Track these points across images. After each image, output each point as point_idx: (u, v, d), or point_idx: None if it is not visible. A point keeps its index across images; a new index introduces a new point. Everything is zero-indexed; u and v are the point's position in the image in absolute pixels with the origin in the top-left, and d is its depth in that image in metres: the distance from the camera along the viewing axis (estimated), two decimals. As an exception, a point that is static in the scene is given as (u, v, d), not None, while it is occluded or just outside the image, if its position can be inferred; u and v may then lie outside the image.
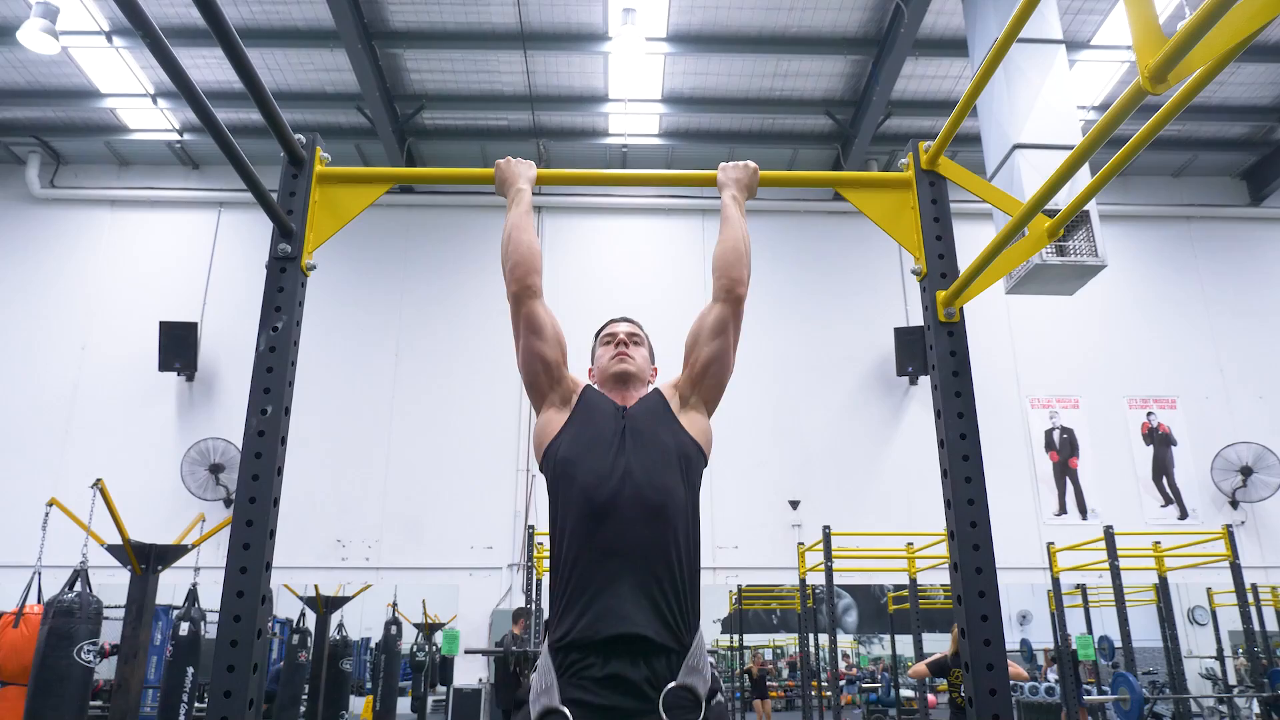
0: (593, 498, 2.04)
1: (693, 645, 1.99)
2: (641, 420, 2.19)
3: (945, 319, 2.09)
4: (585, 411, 2.21)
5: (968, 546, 1.90)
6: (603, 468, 2.07)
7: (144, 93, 9.82)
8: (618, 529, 2.00)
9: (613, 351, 2.36)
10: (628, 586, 1.95)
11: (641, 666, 1.91)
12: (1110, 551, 7.68)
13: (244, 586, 1.82)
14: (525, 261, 2.24)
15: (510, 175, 2.40)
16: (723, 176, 2.40)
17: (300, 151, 2.19)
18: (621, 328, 2.42)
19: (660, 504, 2.03)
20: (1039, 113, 6.78)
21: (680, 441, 2.17)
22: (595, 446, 2.12)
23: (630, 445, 2.12)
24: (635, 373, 2.33)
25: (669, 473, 2.10)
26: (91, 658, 6.10)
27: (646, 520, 2.01)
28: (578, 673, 1.92)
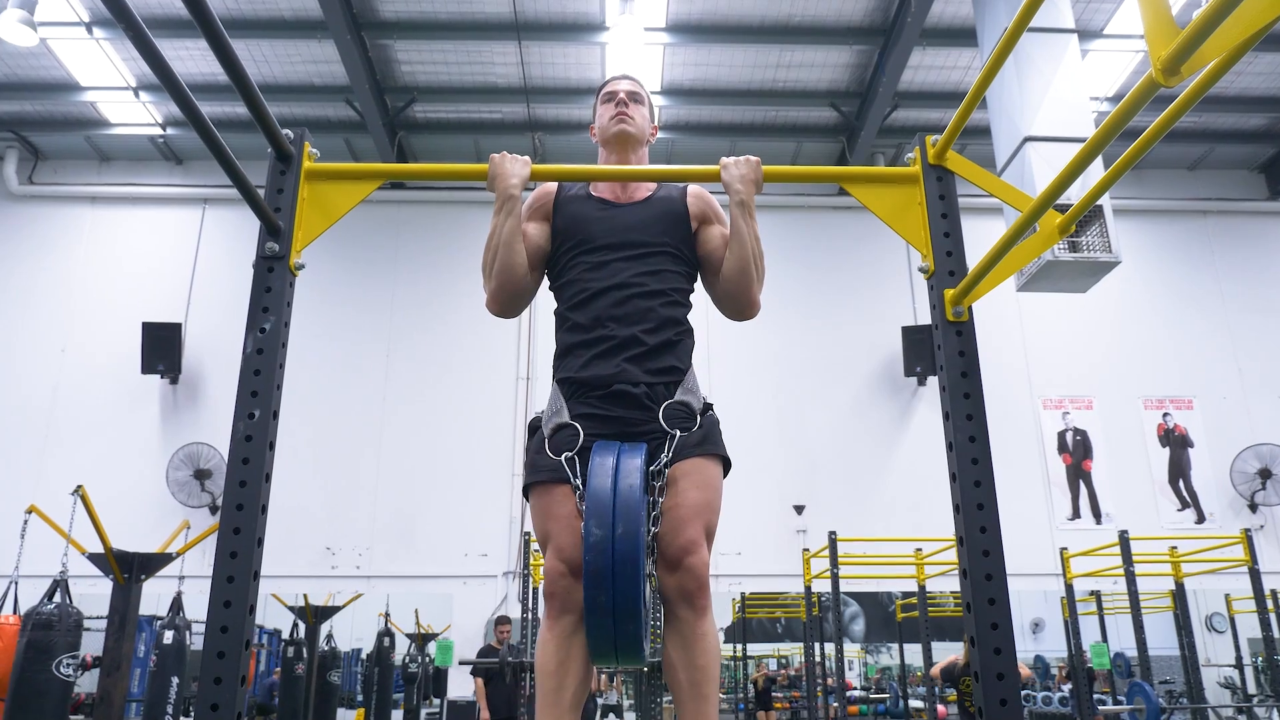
0: (588, 280, 2.28)
1: (687, 374, 2.28)
2: (649, 220, 2.35)
3: (954, 318, 2.09)
4: (570, 228, 2.37)
5: (977, 552, 1.90)
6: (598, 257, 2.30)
7: (125, 86, 9.82)
8: (612, 301, 2.24)
9: (612, 110, 2.43)
10: (623, 345, 2.21)
11: (641, 387, 2.20)
12: (1125, 557, 7.68)
13: (231, 596, 1.82)
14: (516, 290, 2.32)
15: (504, 172, 2.37)
16: (727, 175, 2.32)
17: (288, 147, 2.19)
18: (623, 85, 2.49)
19: (654, 289, 2.27)
20: (1050, 104, 6.78)
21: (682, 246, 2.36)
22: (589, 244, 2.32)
23: (627, 237, 2.31)
24: (635, 134, 2.43)
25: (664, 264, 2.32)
26: (71, 671, 6.09)
27: (640, 295, 2.25)
28: (584, 395, 2.22)
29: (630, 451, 2.11)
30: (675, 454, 2.16)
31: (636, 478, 2.03)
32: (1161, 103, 9.03)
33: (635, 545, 1.96)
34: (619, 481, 2.03)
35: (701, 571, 2.10)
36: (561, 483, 2.15)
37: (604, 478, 2.03)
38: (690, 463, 2.18)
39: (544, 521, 2.17)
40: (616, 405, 2.20)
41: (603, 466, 2.06)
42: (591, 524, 1.97)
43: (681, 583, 2.10)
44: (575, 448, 2.16)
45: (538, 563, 8.16)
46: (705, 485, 2.19)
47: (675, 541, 2.10)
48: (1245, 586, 8.20)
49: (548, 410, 2.29)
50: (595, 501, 1.99)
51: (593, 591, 1.95)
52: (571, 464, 2.14)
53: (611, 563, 1.94)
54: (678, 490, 2.14)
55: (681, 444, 2.18)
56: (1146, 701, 7.55)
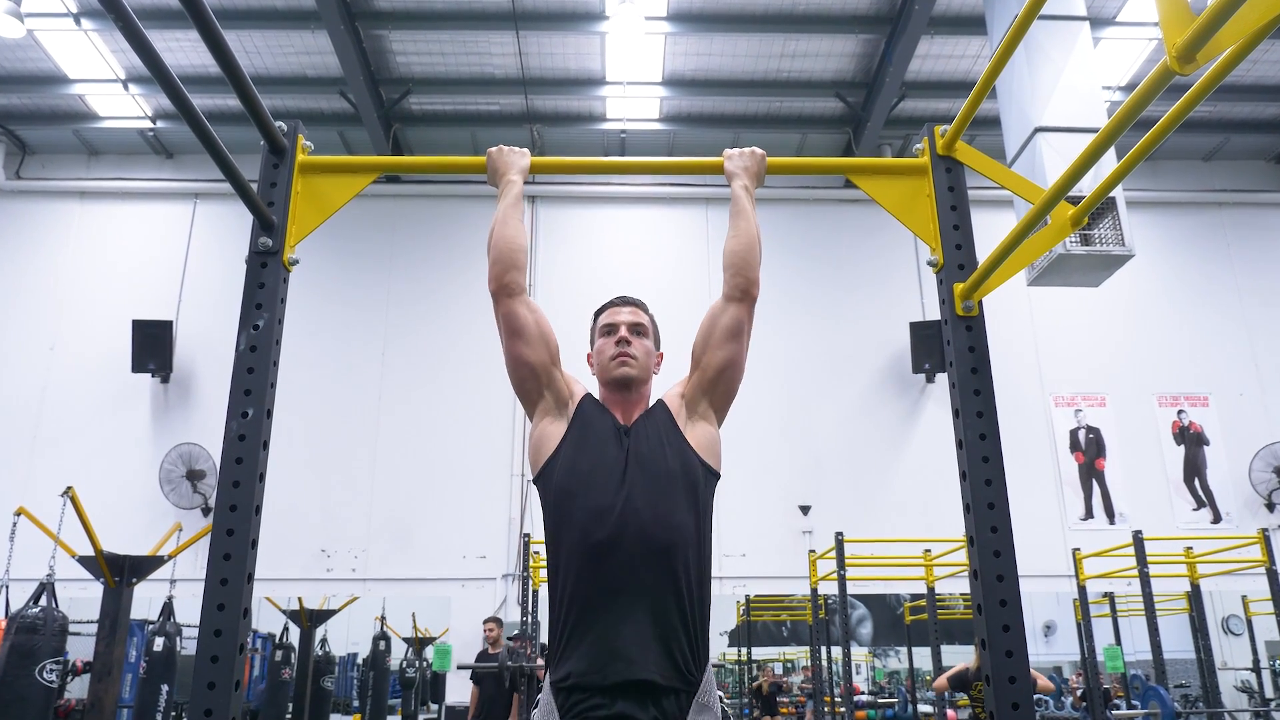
0: (593, 534, 2.01)
1: (702, 682, 2.00)
2: (645, 442, 2.14)
3: (963, 313, 2.09)
4: (583, 429, 2.16)
5: (988, 553, 1.90)
6: (604, 502, 2.03)
7: (114, 78, 9.82)
8: (621, 568, 1.98)
9: (613, 350, 2.27)
10: (633, 627, 1.95)
11: (650, 708, 1.91)
12: (1139, 557, 7.68)
13: (225, 599, 1.83)
14: (505, 257, 2.21)
15: (502, 165, 2.38)
16: (730, 165, 2.37)
17: (281, 140, 2.19)
18: (623, 315, 2.33)
19: (667, 542, 2.01)
20: (1062, 94, 6.77)
21: (688, 465, 2.13)
22: (595, 476, 2.08)
23: (633, 475, 2.07)
24: (637, 376, 2.26)
25: (676, 505, 2.06)
26: (53, 677, 6.10)
27: (652, 559, 1.99)
28: (583, 713, 1.93)
29: None
30: None
31: None
32: (1176, 92, 9.02)
33: None
34: None
35: None
36: None
37: None
38: None
39: None
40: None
41: None
42: None
43: None
44: None
45: (538, 564, 8.17)
46: None
47: None
48: (1263, 588, 8.20)
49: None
50: None
51: None
52: None
53: None
54: None
55: None
56: (1161, 706, 7.55)
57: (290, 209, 2.17)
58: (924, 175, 2.26)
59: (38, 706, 6.04)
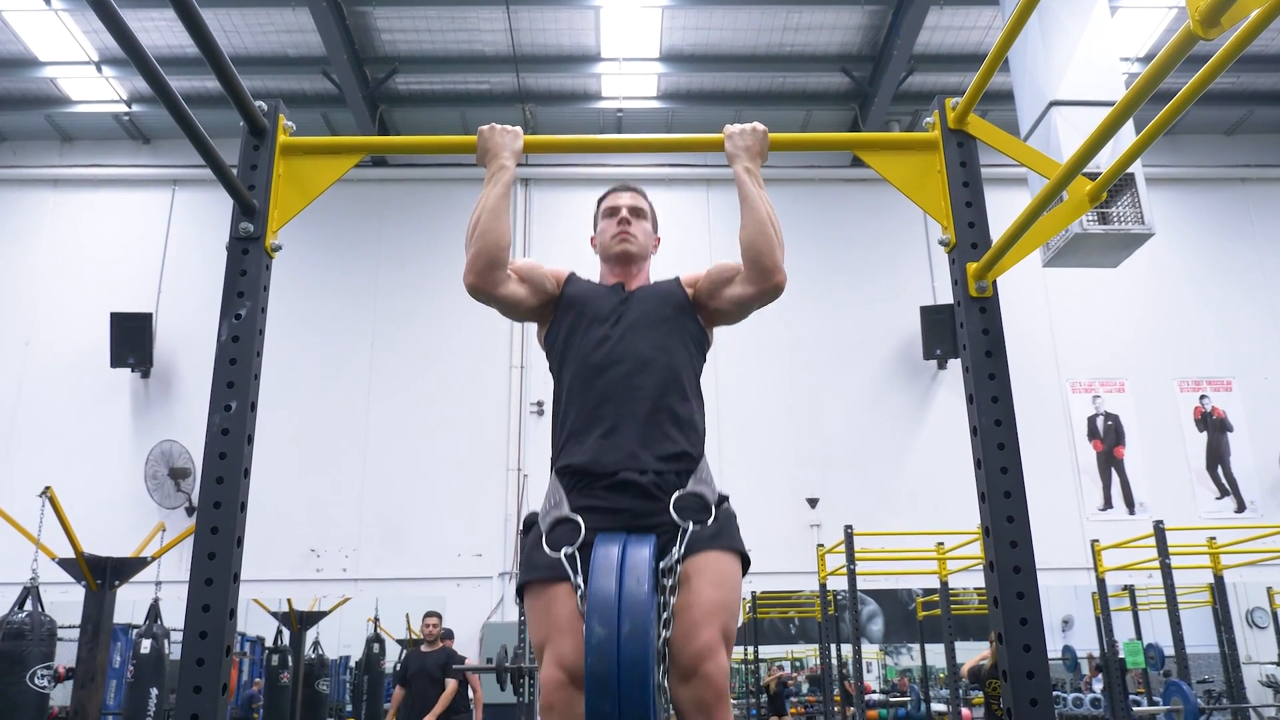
0: (592, 357, 2.29)
1: (700, 463, 2.26)
2: (645, 296, 2.41)
3: (977, 294, 2.09)
4: (576, 292, 2.44)
5: (1004, 544, 1.90)
6: (602, 334, 2.31)
7: (87, 60, 9.78)
8: (619, 378, 2.24)
9: (614, 229, 2.51)
10: (631, 423, 2.20)
11: (650, 475, 2.16)
12: (1161, 549, 7.69)
13: (210, 600, 1.83)
14: (493, 256, 2.32)
15: (493, 146, 2.38)
16: (730, 146, 2.38)
17: (261, 120, 2.18)
18: (624, 199, 2.55)
19: (661, 364, 2.28)
20: (1077, 66, 6.75)
21: (684, 318, 2.39)
22: (595, 317, 2.35)
23: (631, 315, 2.35)
24: (637, 252, 2.50)
25: (670, 340, 2.33)
26: (46, 683, 6.12)
27: (647, 371, 2.25)
28: (586, 486, 2.18)
29: (637, 543, 2.03)
30: (688, 549, 2.09)
31: (644, 571, 1.95)
32: (1196, 62, 8.99)
33: (643, 646, 1.87)
34: (625, 576, 1.94)
35: (720, 681, 2.00)
36: (560, 581, 2.07)
37: (608, 572, 1.95)
38: (705, 557, 2.11)
39: (541, 625, 2.09)
40: (622, 496, 2.14)
41: (606, 560, 1.98)
42: (594, 623, 1.89)
43: (698, 694, 1.99)
44: (576, 542, 2.08)
45: (535, 562, 8.18)
46: (722, 582, 2.12)
47: (689, 647, 2.01)
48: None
49: (544, 505, 2.23)
50: (598, 599, 1.91)
51: (596, 700, 1.86)
52: (572, 560, 2.06)
53: (617, 667, 1.85)
54: (691, 589, 2.06)
55: (695, 538, 2.11)
56: (1184, 702, 7.57)
57: (272, 193, 2.16)
58: (935, 150, 2.26)
59: (31, 713, 6.06)
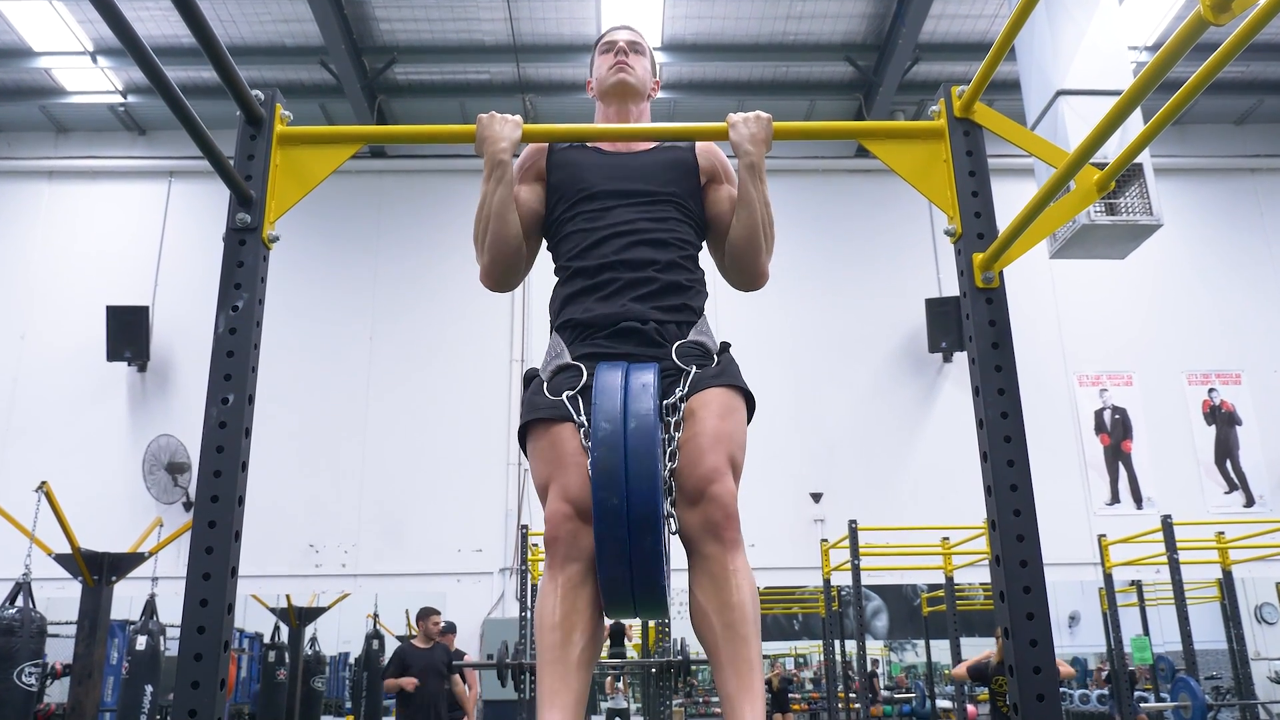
0: (589, 227, 2.26)
1: (700, 316, 2.27)
2: (654, 170, 2.34)
3: (983, 284, 2.08)
4: (566, 179, 2.35)
5: (1011, 537, 1.90)
6: (600, 204, 2.28)
7: (82, 50, 9.77)
8: (618, 247, 2.23)
9: (611, 60, 2.44)
10: (630, 283, 2.20)
11: (651, 324, 2.18)
12: (1168, 544, 7.69)
13: (208, 594, 1.82)
14: (509, 261, 2.30)
15: (492, 135, 2.35)
16: (735, 135, 2.31)
17: (258, 109, 2.18)
18: (621, 35, 2.50)
19: (664, 235, 2.26)
20: (1085, 55, 6.73)
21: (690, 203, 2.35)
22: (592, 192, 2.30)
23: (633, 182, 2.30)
24: (635, 84, 2.44)
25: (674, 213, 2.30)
26: (33, 680, 6.13)
27: (648, 242, 2.24)
28: (588, 336, 2.19)
29: (640, 368, 2.05)
30: (691, 387, 2.11)
31: (650, 381, 1.97)
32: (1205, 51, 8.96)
33: (650, 439, 1.88)
34: (630, 385, 1.96)
35: (728, 500, 2.04)
36: (563, 421, 2.09)
37: (613, 383, 1.96)
38: (709, 393, 2.13)
39: (544, 462, 2.10)
40: (624, 342, 2.16)
41: (610, 375, 2.00)
42: (600, 419, 1.91)
43: (707, 515, 2.03)
44: (578, 387, 2.10)
45: (536, 558, 8.18)
46: (727, 414, 2.13)
47: (696, 471, 2.03)
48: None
49: (545, 358, 2.25)
50: (604, 401, 1.92)
51: (603, 493, 1.87)
52: (574, 401, 2.08)
53: (624, 459, 1.87)
54: (696, 420, 2.08)
55: (698, 378, 2.14)
56: (1192, 698, 7.57)
57: (269, 183, 2.15)
58: (940, 139, 2.25)
59: (18, 710, 6.07)
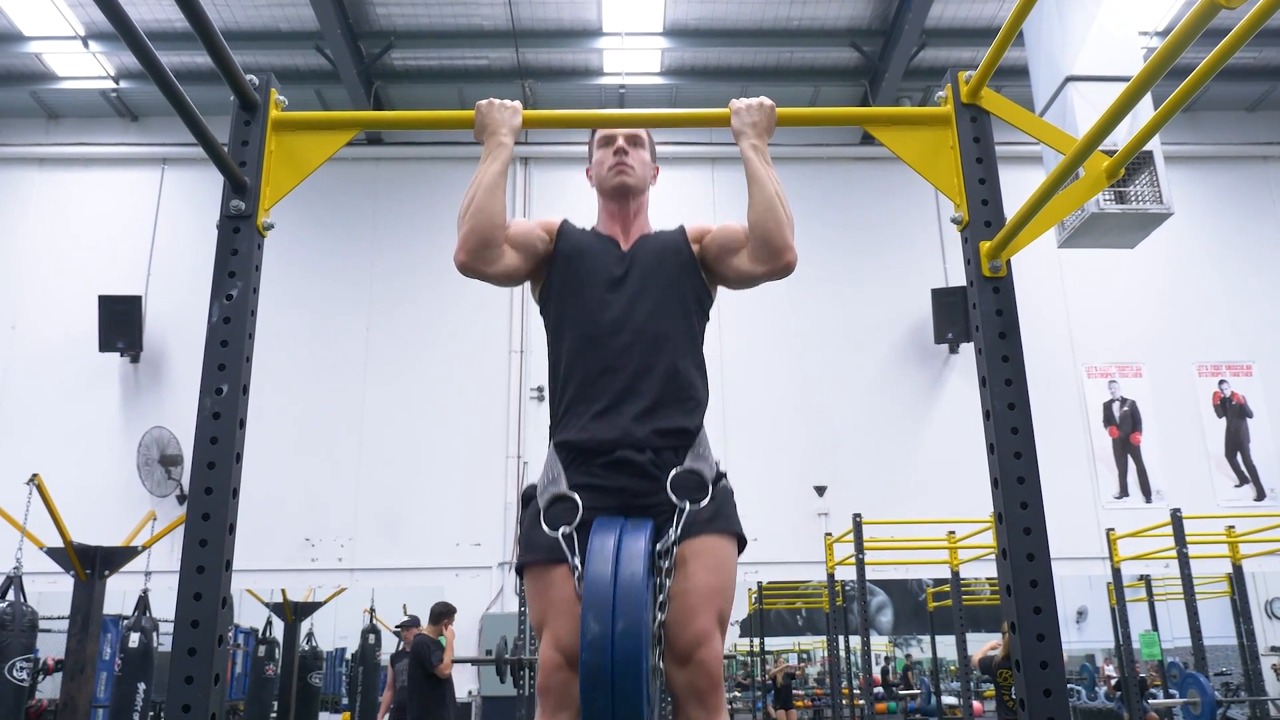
0: (591, 326, 2.27)
1: (698, 436, 2.26)
2: (650, 259, 2.36)
3: (990, 273, 2.08)
4: (571, 245, 2.40)
5: (1018, 530, 1.90)
6: (603, 296, 2.29)
7: (73, 35, 9.76)
8: (618, 350, 2.24)
9: (611, 160, 2.45)
10: (630, 398, 2.21)
11: (648, 453, 2.18)
12: (1178, 538, 7.70)
13: (202, 588, 1.83)
14: (487, 235, 2.28)
15: (492, 121, 2.37)
16: (737, 121, 2.35)
17: (253, 95, 2.17)
18: (620, 127, 2.51)
19: (662, 333, 2.27)
20: (1094, 40, 6.71)
21: (692, 281, 2.36)
22: (593, 281, 2.32)
23: (633, 275, 2.32)
24: (635, 185, 2.45)
25: (676, 302, 2.32)
26: (24, 676, 6.15)
27: (647, 345, 2.24)
28: (584, 462, 2.20)
29: (633, 532, 2.07)
30: (684, 530, 2.14)
31: (640, 564, 1.99)
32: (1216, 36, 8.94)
33: (637, 643, 1.92)
34: (620, 569, 1.98)
35: (714, 667, 2.08)
36: (559, 563, 2.12)
37: (604, 564, 1.98)
38: (701, 541, 2.15)
39: (539, 606, 2.15)
40: (619, 474, 2.17)
41: (603, 551, 2.01)
42: (589, 618, 1.94)
43: (692, 680, 2.07)
44: (574, 521, 2.13)
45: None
46: (718, 567, 2.16)
47: (685, 634, 2.08)
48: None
49: (543, 478, 2.26)
50: (594, 593, 1.95)
51: (590, 692, 1.91)
52: (570, 540, 2.11)
53: (611, 662, 1.90)
54: (687, 573, 2.11)
55: (691, 518, 2.15)
56: (1201, 694, 7.58)
57: (264, 169, 2.15)
58: (947, 125, 2.24)
59: (9, 705, 6.09)
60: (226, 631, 1.87)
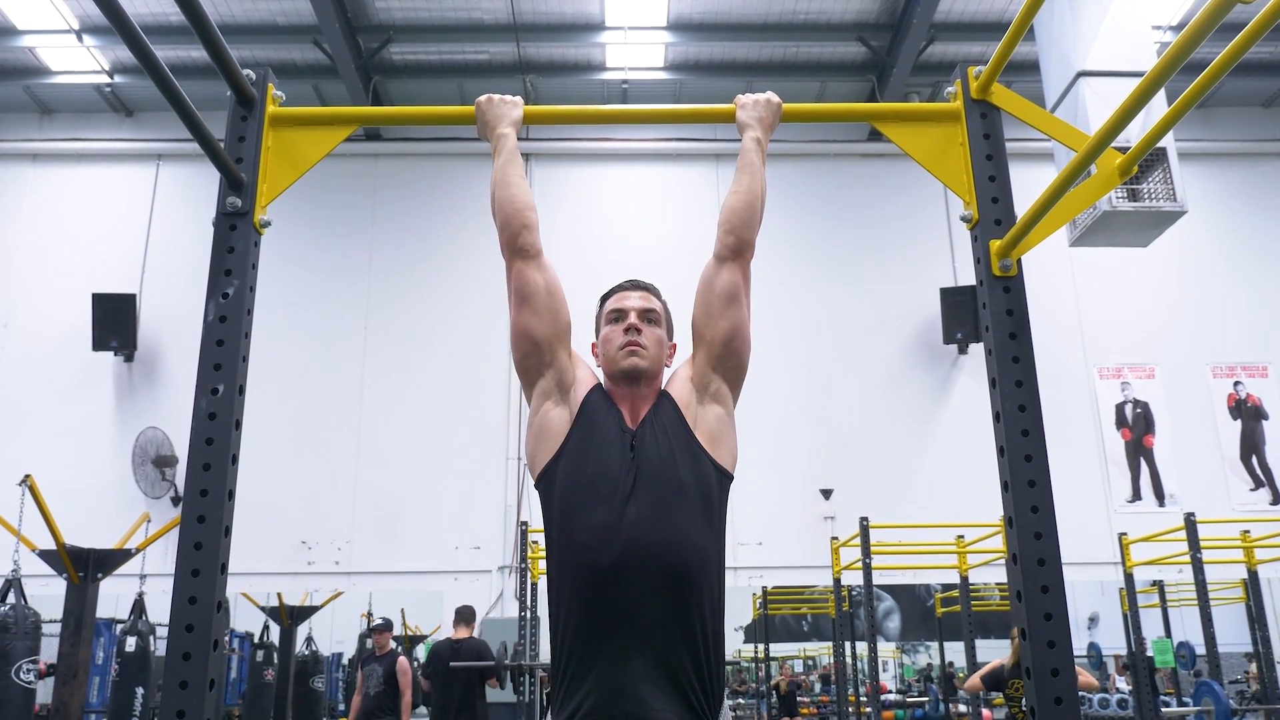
0: (597, 559, 1.99)
1: (719, 714, 2.01)
2: (654, 448, 2.11)
3: (1001, 272, 2.08)
4: (588, 429, 2.15)
5: (1028, 535, 1.90)
6: (608, 519, 2.01)
7: (67, 28, 9.78)
8: (627, 596, 1.97)
9: (622, 339, 2.23)
10: (641, 662, 1.94)
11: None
12: (1192, 542, 7.68)
13: (197, 591, 1.83)
14: (514, 218, 2.23)
15: (492, 117, 2.37)
16: (743, 115, 2.37)
17: (249, 90, 2.18)
18: (633, 300, 2.29)
19: (679, 565, 1.99)
20: (1107, 34, 6.71)
21: (701, 474, 2.11)
22: (599, 487, 2.06)
23: (641, 489, 2.05)
24: (647, 369, 2.21)
25: (687, 522, 2.04)
26: (32, 678, 6.17)
27: (662, 586, 1.97)
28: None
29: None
30: None
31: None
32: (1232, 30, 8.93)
33: None
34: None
35: None
36: None
37: None
38: None
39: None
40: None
41: None
42: None
43: None
44: None
45: (536, 555, 8.20)
46: None
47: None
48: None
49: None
50: None
51: None
52: None
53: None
54: None
55: None
56: (1215, 703, 7.57)
57: (261, 166, 2.16)
58: (957, 121, 2.25)
59: (17, 708, 6.11)
60: (222, 636, 1.87)
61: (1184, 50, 1.51)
